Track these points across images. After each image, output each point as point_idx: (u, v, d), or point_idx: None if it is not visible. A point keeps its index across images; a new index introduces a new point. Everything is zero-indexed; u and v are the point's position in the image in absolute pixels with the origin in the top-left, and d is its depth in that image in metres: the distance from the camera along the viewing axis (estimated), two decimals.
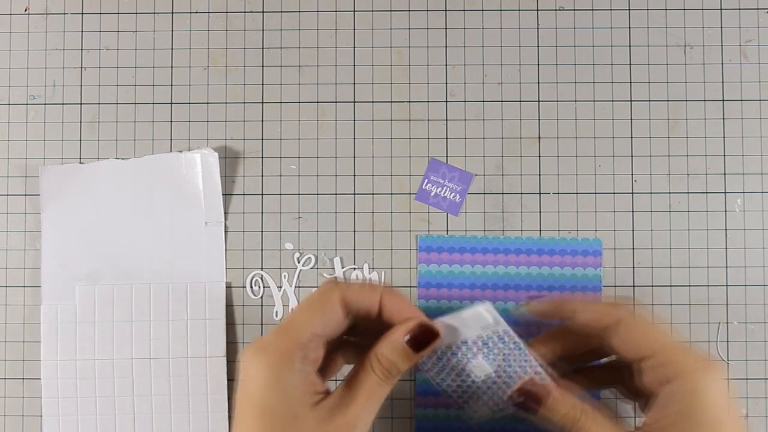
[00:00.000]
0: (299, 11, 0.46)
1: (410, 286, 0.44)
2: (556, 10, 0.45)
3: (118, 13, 0.46)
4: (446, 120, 0.45)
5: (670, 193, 0.44)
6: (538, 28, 0.45)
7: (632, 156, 0.45)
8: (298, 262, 0.44)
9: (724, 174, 0.44)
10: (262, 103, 0.45)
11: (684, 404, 0.31)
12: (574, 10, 0.45)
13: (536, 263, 0.44)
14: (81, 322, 0.44)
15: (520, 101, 0.45)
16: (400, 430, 0.44)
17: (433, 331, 0.33)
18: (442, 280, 0.44)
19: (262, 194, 0.45)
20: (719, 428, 0.31)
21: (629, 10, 0.45)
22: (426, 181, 0.44)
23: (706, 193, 0.44)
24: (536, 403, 0.33)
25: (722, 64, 0.45)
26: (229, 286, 0.44)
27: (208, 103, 0.45)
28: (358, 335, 0.36)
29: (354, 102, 0.45)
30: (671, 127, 0.45)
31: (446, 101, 0.45)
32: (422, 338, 0.33)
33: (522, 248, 0.44)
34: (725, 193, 0.44)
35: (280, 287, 0.44)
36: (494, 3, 0.45)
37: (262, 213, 0.45)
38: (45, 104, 0.45)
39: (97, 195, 0.44)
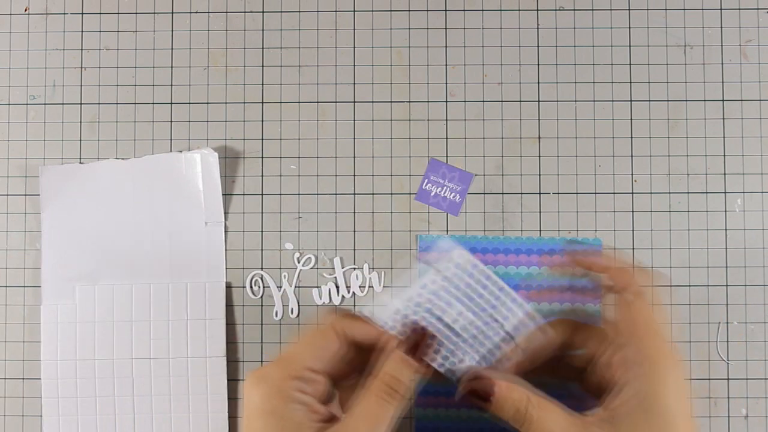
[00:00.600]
0: (299, 11, 0.46)
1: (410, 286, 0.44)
2: (556, 10, 0.45)
3: (118, 13, 0.46)
4: (446, 120, 0.45)
5: (670, 193, 0.44)
6: (538, 28, 0.45)
7: (632, 156, 0.45)
8: (298, 262, 0.44)
9: (724, 174, 0.44)
10: (262, 103, 0.45)
11: (642, 391, 0.31)
12: (574, 10, 0.45)
13: (536, 263, 0.44)
14: (81, 322, 0.44)
15: (520, 101, 0.45)
16: (400, 430, 0.44)
17: (426, 331, 0.33)
18: None
19: (262, 194, 0.45)
20: (672, 420, 0.31)
21: (629, 10, 0.45)
22: (426, 181, 0.44)
23: (706, 193, 0.44)
24: (484, 400, 0.33)
25: (722, 64, 0.45)
26: (229, 286, 0.44)
27: (208, 103, 0.45)
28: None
29: (354, 102, 0.45)
30: (671, 127, 0.45)
31: (446, 101, 0.45)
32: (417, 341, 0.33)
33: (522, 248, 0.44)
34: (725, 193, 0.44)
35: (280, 287, 0.44)
36: (494, 3, 0.45)
37: (262, 213, 0.45)
38: (45, 104, 0.45)
39: (97, 195, 0.44)
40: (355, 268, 0.44)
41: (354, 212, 0.45)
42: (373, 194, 0.45)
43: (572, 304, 0.43)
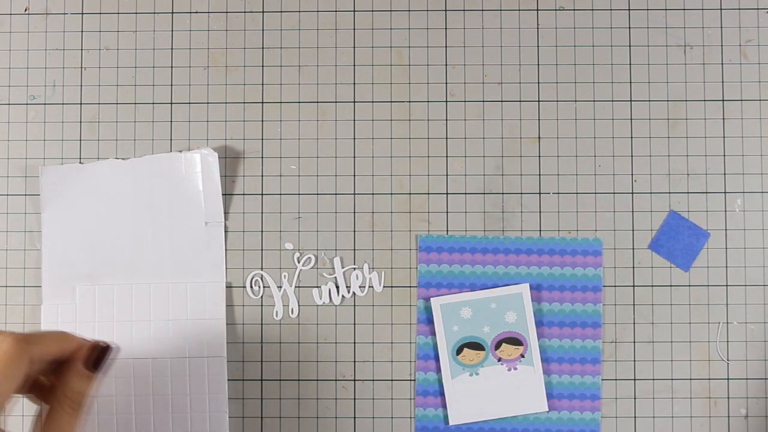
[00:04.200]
0: (299, 11, 0.46)
1: (410, 286, 0.44)
2: (556, 10, 0.45)
3: (118, 13, 0.46)
4: (446, 120, 0.45)
5: (670, 193, 0.44)
6: (538, 28, 0.45)
7: (632, 156, 0.45)
8: (298, 262, 0.44)
9: (724, 174, 0.44)
10: (262, 103, 0.45)
11: None
12: (574, 10, 0.45)
13: (536, 263, 0.44)
14: (81, 322, 0.44)
15: (520, 101, 0.45)
16: (400, 430, 0.44)
17: (105, 347, 0.36)
18: (442, 280, 0.44)
19: (262, 194, 0.45)
20: None
21: (629, 10, 0.45)
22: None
23: (706, 193, 0.44)
24: None
25: (722, 64, 0.45)
26: (229, 286, 0.44)
27: (208, 103, 0.45)
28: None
29: (354, 102, 0.45)
30: (671, 127, 0.45)
31: (446, 101, 0.45)
32: (98, 356, 0.35)
33: (522, 248, 0.44)
34: (725, 193, 0.44)
35: (280, 287, 0.44)
36: (494, 3, 0.45)
37: (262, 213, 0.45)
38: (45, 104, 0.45)
39: (97, 195, 0.44)
40: (355, 268, 0.44)
41: (354, 212, 0.45)
42: (373, 194, 0.45)
43: (572, 304, 0.43)
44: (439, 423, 0.43)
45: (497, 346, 0.43)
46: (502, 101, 0.45)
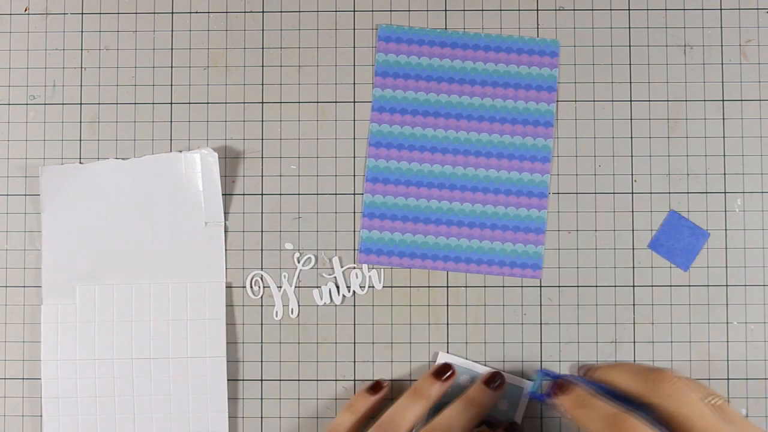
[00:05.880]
0: (299, 11, 0.46)
1: (410, 286, 0.44)
2: (556, 10, 0.45)
3: (118, 13, 0.46)
4: None
5: (670, 193, 0.44)
6: (538, 28, 0.45)
7: (632, 156, 0.45)
8: (298, 262, 0.44)
9: (724, 174, 0.44)
10: (262, 103, 0.45)
11: None
12: (574, 10, 0.45)
13: (493, 60, 0.44)
14: (81, 322, 0.44)
15: None
16: None
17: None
18: (399, 70, 0.44)
19: (262, 194, 0.45)
20: None
21: (629, 10, 0.45)
22: None
23: (706, 193, 0.44)
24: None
25: (722, 64, 0.45)
26: (229, 286, 0.44)
27: (208, 103, 0.45)
28: None
29: (354, 102, 0.45)
30: (671, 127, 0.45)
31: None
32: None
33: (480, 44, 0.44)
34: (725, 193, 0.44)
35: (280, 287, 0.44)
36: (494, 3, 0.45)
37: (262, 213, 0.45)
38: (45, 104, 0.45)
39: (97, 195, 0.44)
40: (354, 267, 0.44)
41: (354, 212, 0.45)
42: None
43: (526, 102, 0.43)
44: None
45: None
46: None
